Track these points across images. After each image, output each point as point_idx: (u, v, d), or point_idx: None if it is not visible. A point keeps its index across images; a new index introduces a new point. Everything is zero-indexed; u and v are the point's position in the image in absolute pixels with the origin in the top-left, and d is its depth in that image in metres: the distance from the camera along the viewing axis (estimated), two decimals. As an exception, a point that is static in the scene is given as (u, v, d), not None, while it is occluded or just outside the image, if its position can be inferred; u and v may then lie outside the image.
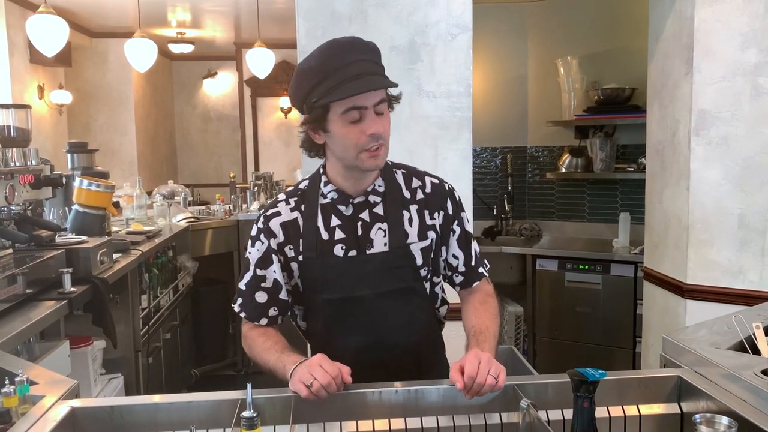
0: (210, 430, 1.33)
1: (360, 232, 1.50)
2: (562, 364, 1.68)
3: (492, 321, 1.53)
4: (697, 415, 0.99)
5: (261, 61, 5.72)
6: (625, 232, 4.06)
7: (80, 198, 2.92)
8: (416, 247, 1.51)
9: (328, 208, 1.51)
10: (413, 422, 1.37)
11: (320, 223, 1.50)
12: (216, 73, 9.60)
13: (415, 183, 1.57)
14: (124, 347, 2.94)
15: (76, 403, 1.34)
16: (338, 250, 1.49)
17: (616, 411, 1.41)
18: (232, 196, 5.19)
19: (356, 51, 1.40)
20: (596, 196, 4.47)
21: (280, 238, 1.51)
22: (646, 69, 3.04)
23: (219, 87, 9.72)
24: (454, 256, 1.59)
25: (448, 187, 1.61)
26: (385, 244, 1.50)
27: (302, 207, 1.52)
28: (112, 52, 7.67)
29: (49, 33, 3.91)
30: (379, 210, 1.52)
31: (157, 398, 1.41)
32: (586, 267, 3.95)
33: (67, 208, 3.14)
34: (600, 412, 1.39)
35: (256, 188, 5.12)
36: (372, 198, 1.52)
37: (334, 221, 1.50)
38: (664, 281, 2.81)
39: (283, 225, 1.51)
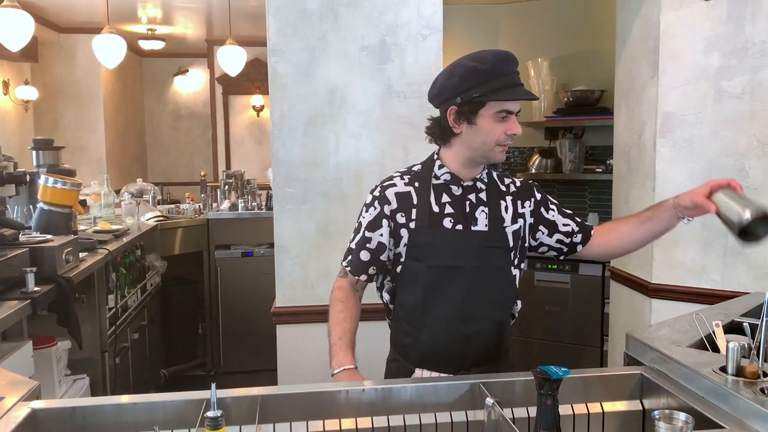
0: (175, 431, 1.32)
1: (467, 210, 1.69)
2: (531, 363, 1.75)
3: None
4: (656, 412, 1.01)
5: (232, 59, 5.67)
6: (593, 232, 4.11)
7: (45, 196, 2.87)
8: (509, 230, 1.71)
9: (440, 188, 1.71)
10: (380, 421, 1.38)
11: (432, 199, 1.69)
12: (187, 71, 9.50)
13: (507, 180, 1.80)
14: (91, 348, 2.89)
15: (37, 404, 1.32)
16: (447, 223, 1.67)
17: (580, 408, 1.43)
18: (202, 195, 5.14)
19: (514, 64, 1.63)
20: (565, 196, 4.52)
21: (394, 205, 1.70)
22: (614, 72, 3.09)
23: (190, 84, 9.61)
24: (565, 225, 1.79)
25: (533, 182, 1.86)
26: (486, 225, 1.69)
27: (416, 184, 1.72)
28: (81, 48, 7.54)
29: (14, 27, 3.83)
30: (483, 196, 1.72)
31: (120, 399, 1.39)
32: (555, 267, 4.00)
33: (31, 207, 3.08)
34: (564, 410, 1.42)
35: (226, 187, 5.07)
36: (479, 184, 1.73)
37: (445, 198, 1.69)
38: (630, 280, 2.86)
39: (397, 194, 1.70)
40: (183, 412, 1.33)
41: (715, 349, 1.51)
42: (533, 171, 4.42)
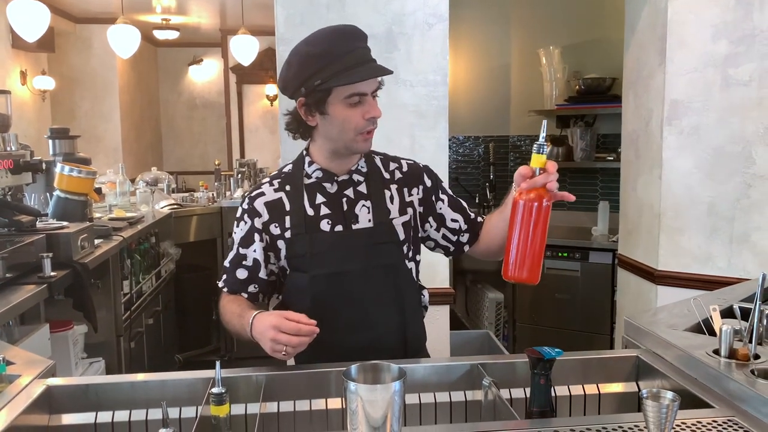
0: (184, 407, 1.37)
1: (345, 207, 1.56)
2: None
3: None
4: (644, 390, 1.04)
5: (245, 49, 5.72)
6: (604, 220, 4.12)
7: (61, 184, 2.93)
8: (398, 222, 1.57)
9: (314, 187, 1.57)
10: (381, 400, 1.42)
11: (306, 201, 1.55)
12: (201, 60, 9.57)
13: (392, 165, 1.64)
14: (106, 332, 2.96)
15: (52, 381, 1.37)
16: (324, 225, 1.54)
17: (576, 390, 1.46)
18: (216, 183, 5.20)
19: (357, 39, 1.47)
20: (577, 184, 4.52)
21: (265, 216, 1.56)
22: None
23: (204, 74, 9.68)
24: (453, 220, 1.65)
25: (423, 165, 1.68)
26: (370, 221, 1.55)
27: (286, 187, 1.58)
28: (97, 38, 7.62)
29: (30, 18, 3.90)
30: (362, 188, 1.58)
31: (132, 377, 1.45)
32: (565, 254, 4.02)
33: (48, 194, 3.15)
34: (561, 391, 1.46)
35: (239, 175, 5.13)
36: (356, 177, 1.58)
37: (320, 198, 1.56)
38: (637, 267, 2.88)
39: (267, 204, 1.56)
40: (191, 390, 1.38)
41: (713, 333, 1.54)
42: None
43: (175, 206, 4.53)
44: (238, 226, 1.59)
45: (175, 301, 4.41)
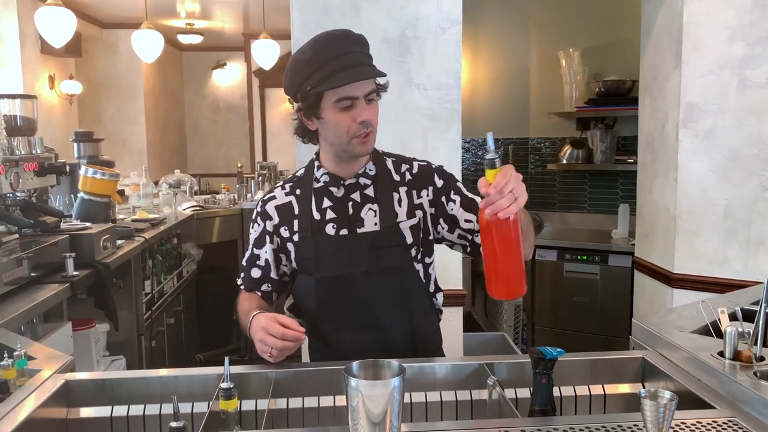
0: (196, 402, 1.41)
1: (351, 211, 1.58)
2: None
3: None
4: (642, 390, 1.06)
5: (266, 53, 5.80)
6: (624, 223, 4.10)
7: (85, 186, 3.01)
8: (405, 226, 1.57)
9: (321, 191, 1.60)
10: (387, 398, 1.44)
11: (313, 205, 1.59)
12: (225, 64, 9.68)
13: (404, 167, 1.65)
14: (128, 330, 3.03)
15: (70, 376, 1.43)
16: (329, 229, 1.57)
17: (582, 390, 1.48)
18: (237, 186, 5.27)
19: (348, 43, 1.49)
20: (597, 187, 4.51)
21: (276, 220, 1.61)
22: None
23: (228, 77, 9.80)
24: (467, 221, 1.60)
25: (435, 165, 1.67)
26: (376, 224, 1.56)
27: (297, 192, 1.62)
28: (123, 43, 7.75)
29: (57, 24, 4.01)
30: (369, 192, 1.59)
31: (147, 372, 1.50)
32: (585, 257, 4.01)
33: (73, 196, 3.23)
34: (567, 391, 1.47)
35: (260, 177, 5.20)
36: (362, 180, 1.60)
37: (326, 203, 1.59)
38: (653, 271, 2.87)
39: (277, 207, 1.62)
40: (204, 385, 1.42)
41: (721, 336, 1.54)
42: (564, 161, 4.43)
43: (198, 208, 4.61)
44: (252, 227, 1.66)
45: (196, 301, 4.48)
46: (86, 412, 1.40)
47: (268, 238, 1.62)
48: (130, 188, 4.26)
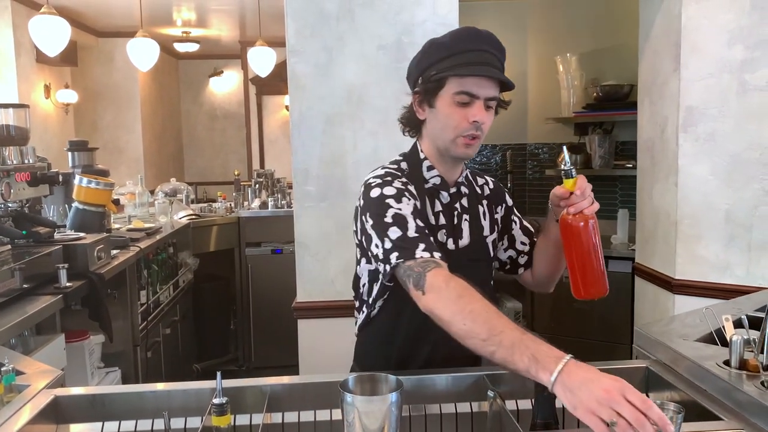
0: (188, 418, 1.38)
1: (455, 221, 1.52)
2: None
3: None
4: (648, 402, 1.02)
5: (263, 60, 5.77)
6: (623, 228, 4.07)
7: (80, 195, 2.98)
8: (489, 240, 1.57)
9: (432, 193, 1.51)
10: (386, 411, 1.41)
11: (428, 206, 1.49)
12: (222, 72, 9.67)
13: (480, 181, 1.62)
14: (123, 341, 2.99)
15: (59, 391, 1.39)
16: (441, 236, 1.48)
17: (584, 401, 1.44)
18: (234, 194, 5.24)
19: (489, 44, 1.42)
20: (595, 192, 4.30)
21: (418, 203, 1.46)
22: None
23: (225, 85, 9.78)
24: (523, 243, 1.63)
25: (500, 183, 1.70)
26: (469, 237, 1.52)
27: (409, 187, 1.47)
28: (119, 52, 7.73)
29: (52, 33, 3.98)
30: (465, 202, 1.55)
31: (138, 387, 1.46)
32: (584, 263, 3.97)
33: (67, 206, 3.20)
34: (569, 402, 1.43)
35: (257, 185, 5.17)
36: (462, 188, 1.55)
37: (437, 206, 1.50)
38: (654, 276, 2.84)
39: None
40: (198, 400, 1.38)
41: (725, 344, 1.51)
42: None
43: (194, 216, 4.58)
44: (400, 201, 1.39)
45: (193, 310, 4.44)
46: (76, 428, 1.36)
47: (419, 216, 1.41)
48: (126, 197, 4.23)
